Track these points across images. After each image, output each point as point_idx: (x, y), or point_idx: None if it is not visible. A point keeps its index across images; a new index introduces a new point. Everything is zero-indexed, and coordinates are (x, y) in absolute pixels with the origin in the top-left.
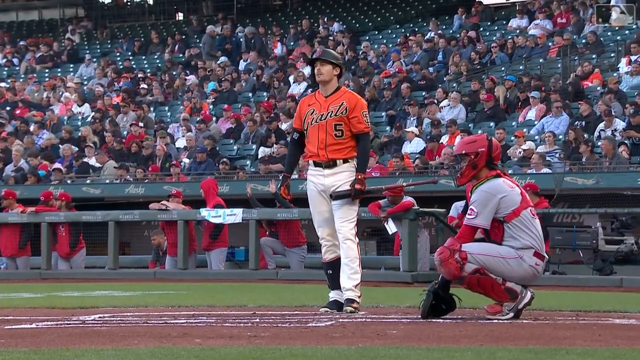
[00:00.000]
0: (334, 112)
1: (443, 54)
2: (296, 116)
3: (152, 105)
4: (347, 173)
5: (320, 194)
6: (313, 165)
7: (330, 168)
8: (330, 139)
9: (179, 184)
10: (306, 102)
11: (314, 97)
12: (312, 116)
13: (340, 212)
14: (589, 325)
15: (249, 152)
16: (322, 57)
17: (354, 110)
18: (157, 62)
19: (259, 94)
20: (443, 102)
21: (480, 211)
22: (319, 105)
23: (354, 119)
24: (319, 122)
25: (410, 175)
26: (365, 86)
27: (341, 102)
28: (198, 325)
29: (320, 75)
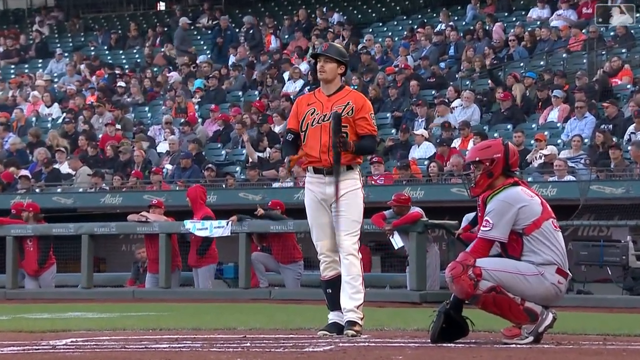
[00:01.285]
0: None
1: (455, 48)
2: (292, 116)
3: (130, 106)
4: (351, 181)
5: (320, 203)
6: (312, 172)
7: (332, 175)
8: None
9: (160, 193)
10: (305, 101)
11: (314, 95)
12: (313, 116)
13: (342, 224)
14: (617, 350)
15: (239, 158)
16: (326, 52)
17: (360, 111)
18: (136, 57)
19: (250, 93)
20: (455, 102)
21: (497, 222)
22: (320, 105)
23: (361, 120)
24: (321, 124)
25: (418, 184)
26: (368, 84)
27: (347, 102)
28: (182, 351)
29: (322, 73)
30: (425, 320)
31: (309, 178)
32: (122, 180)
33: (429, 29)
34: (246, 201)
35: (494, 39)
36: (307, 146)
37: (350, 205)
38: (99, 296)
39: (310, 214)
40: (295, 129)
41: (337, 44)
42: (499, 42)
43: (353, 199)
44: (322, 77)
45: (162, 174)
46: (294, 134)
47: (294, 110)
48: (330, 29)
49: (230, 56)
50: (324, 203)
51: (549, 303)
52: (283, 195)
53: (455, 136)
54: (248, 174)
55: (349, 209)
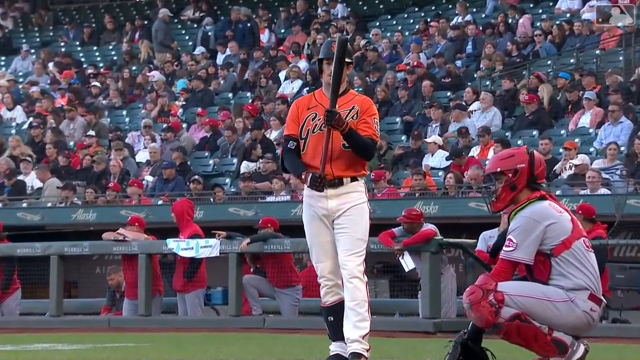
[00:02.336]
0: (342, 116)
1: (473, 44)
2: (290, 120)
3: (105, 109)
4: (356, 194)
5: (321, 220)
6: None
7: (334, 187)
8: (337, 150)
9: (140, 207)
10: (304, 104)
11: (314, 98)
12: (314, 122)
13: (345, 243)
14: None
15: (229, 168)
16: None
17: (364, 113)
18: (112, 54)
19: (241, 95)
20: (473, 105)
21: (521, 242)
22: (322, 109)
23: (363, 123)
24: (323, 131)
25: (431, 198)
26: (374, 85)
27: (352, 106)
28: None
29: (330, 76)
30: (439, 352)
31: (308, 191)
32: (97, 194)
33: (443, 23)
34: (237, 217)
35: (518, 33)
36: (307, 155)
37: (355, 221)
38: (70, 325)
39: (309, 231)
40: (296, 134)
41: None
42: (523, 37)
43: (358, 214)
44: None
45: (141, 186)
46: (296, 140)
47: (293, 114)
48: (333, 22)
49: (219, 53)
50: (325, 219)
51: (580, 333)
52: (278, 210)
53: (473, 144)
54: (240, 185)
55: (354, 226)
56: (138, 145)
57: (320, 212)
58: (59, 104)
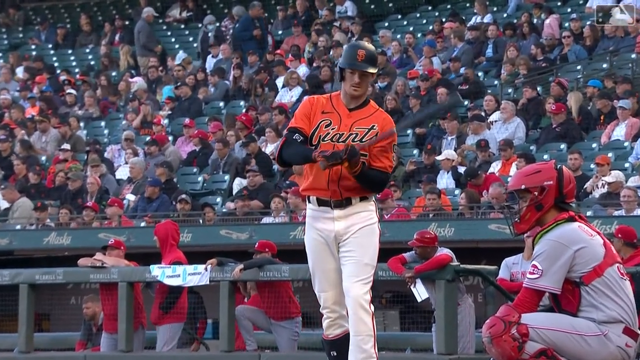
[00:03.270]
0: (359, 135)
1: (494, 47)
2: (301, 114)
3: (82, 120)
4: (365, 214)
5: (326, 244)
6: (316, 204)
7: (342, 208)
8: (346, 170)
9: (120, 230)
10: (320, 104)
11: (331, 102)
12: (327, 130)
13: (350, 268)
14: None
15: (220, 186)
16: (367, 68)
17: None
18: (90, 58)
19: (234, 104)
20: (494, 115)
21: (547, 268)
22: (337, 118)
23: (381, 150)
24: (335, 143)
25: (447, 219)
26: (383, 92)
27: (371, 125)
28: None
29: (357, 90)
30: None
31: (311, 212)
32: (72, 215)
33: (460, 23)
34: (229, 240)
35: (544, 35)
36: (314, 171)
37: (362, 243)
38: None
39: (312, 257)
40: (306, 131)
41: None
42: (550, 39)
43: (367, 236)
44: (356, 93)
45: (122, 206)
46: (303, 135)
47: (305, 110)
48: (336, 22)
49: (208, 57)
50: (330, 244)
51: None
52: (276, 233)
53: (494, 158)
54: (236, 205)
55: (361, 249)
56: (118, 161)
57: (326, 235)
58: (30, 114)
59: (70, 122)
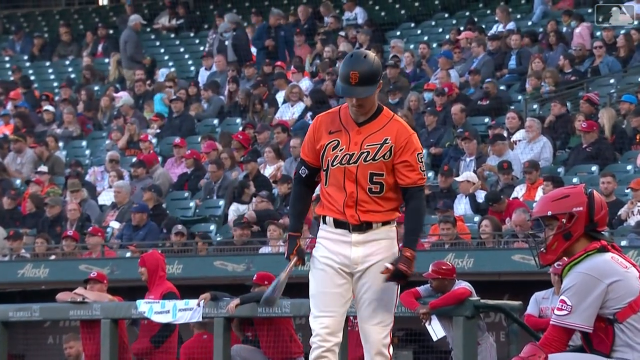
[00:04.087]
0: (371, 153)
1: (517, 59)
2: (307, 142)
3: (61, 139)
4: (386, 242)
5: (338, 269)
6: (332, 225)
7: (362, 232)
8: (362, 193)
9: (103, 261)
10: (326, 124)
11: (339, 117)
12: (335, 153)
13: (370, 308)
14: None
15: (214, 212)
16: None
17: (403, 151)
18: (70, 70)
19: (230, 121)
20: (517, 134)
21: (577, 304)
22: (346, 136)
23: (404, 165)
24: (345, 165)
25: (466, 249)
26: (395, 108)
27: (384, 139)
28: None
29: (360, 109)
30: None
31: (325, 233)
32: (49, 245)
33: (480, 32)
34: (224, 272)
35: (573, 45)
36: (329, 193)
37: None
38: None
39: (316, 279)
40: (312, 162)
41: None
42: (579, 49)
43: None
44: (361, 112)
45: (104, 235)
46: (310, 168)
47: (311, 134)
48: (342, 31)
49: (201, 69)
50: (342, 269)
51: None
52: (275, 264)
53: (517, 182)
54: (235, 234)
55: (381, 287)
56: (101, 184)
57: (340, 259)
58: (3, 132)
59: (48, 141)
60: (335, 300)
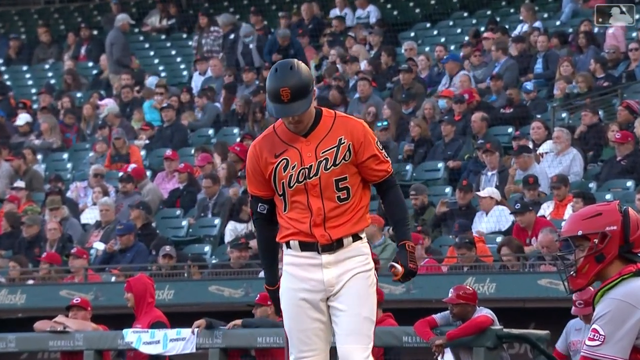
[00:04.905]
0: (330, 159)
1: (544, 62)
2: (252, 175)
3: (40, 152)
4: (360, 259)
5: (312, 300)
6: (298, 249)
7: (332, 251)
8: (330, 205)
9: (86, 286)
10: (267, 148)
11: (277, 137)
12: (289, 172)
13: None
14: None
15: (209, 232)
16: (300, 109)
17: (365, 146)
18: (49, 75)
19: (226, 131)
20: (544, 146)
21: (611, 334)
22: (294, 152)
23: (372, 160)
24: (305, 182)
25: (487, 273)
26: (409, 117)
27: (337, 140)
28: None
29: (299, 125)
30: None
31: (291, 259)
32: (26, 269)
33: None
34: (220, 298)
35: (605, 47)
36: (291, 218)
37: (360, 294)
38: None
39: (289, 314)
40: (267, 194)
41: (290, 63)
42: (613, 52)
43: (363, 285)
44: (299, 129)
45: (87, 257)
46: (269, 202)
47: (254, 164)
48: (351, 32)
49: (195, 74)
50: (316, 298)
51: None
52: None
53: (545, 199)
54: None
55: (358, 301)
56: (84, 201)
57: (311, 287)
58: None
59: (25, 153)
60: (315, 336)
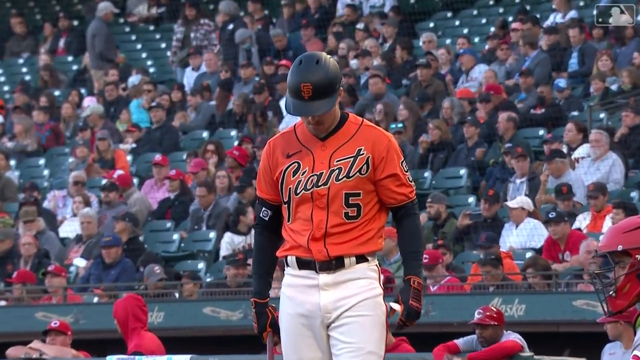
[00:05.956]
0: (344, 169)
1: (580, 57)
2: (262, 175)
3: (13, 156)
4: (364, 282)
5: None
6: (296, 266)
7: (330, 271)
8: (335, 219)
9: (65, 308)
10: (281, 146)
11: (295, 137)
12: (298, 178)
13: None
14: None
15: (203, 247)
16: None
17: (386, 162)
18: (24, 71)
19: (222, 134)
20: (580, 150)
21: None
22: (308, 156)
23: (391, 179)
24: (313, 190)
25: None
26: (426, 118)
27: (357, 150)
28: None
29: (319, 126)
30: None
31: (288, 278)
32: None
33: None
34: (216, 321)
35: None
36: (292, 229)
37: (364, 325)
38: None
39: (286, 342)
40: (274, 198)
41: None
42: None
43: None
44: (321, 130)
45: (65, 275)
46: (273, 207)
47: (265, 163)
48: (360, 23)
49: (187, 70)
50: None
51: None
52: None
53: (580, 210)
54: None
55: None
56: (63, 212)
57: (307, 311)
58: None
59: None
60: None
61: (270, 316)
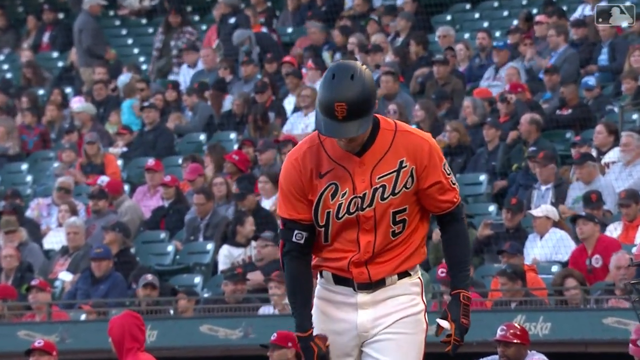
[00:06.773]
0: (388, 187)
1: (610, 53)
2: (291, 193)
3: None
4: (405, 299)
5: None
6: (332, 282)
7: (370, 290)
8: (382, 240)
9: (50, 326)
10: (310, 166)
11: (324, 151)
12: (337, 200)
13: None
14: None
15: (200, 260)
16: (355, 130)
17: (429, 170)
18: (5, 68)
19: (221, 136)
20: (610, 154)
21: None
22: (345, 175)
23: (437, 188)
24: (357, 214)
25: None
26: (443, 119)
27: (398, 162)
28: None
29: (351, 143)
30: None
31: (323, 292)
32: None
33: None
34: (214, 340)
35: None
36: (331, 252)
37: (401, 345)
38: None
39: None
40: (307, 218)
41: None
42: None
43: (409, 333)
44: (351, 147)
45: (50, 290)
46: (307, 228)
47: (295, 180)
48: (373, 15)
49: (184, 66)
50: (348, 343)
51: None
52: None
53: (611, 219)
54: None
55: (399, 353)
56: (47, 221)
57: (342, 329)
58: None
59: None
60: None
61: (316, 349)
